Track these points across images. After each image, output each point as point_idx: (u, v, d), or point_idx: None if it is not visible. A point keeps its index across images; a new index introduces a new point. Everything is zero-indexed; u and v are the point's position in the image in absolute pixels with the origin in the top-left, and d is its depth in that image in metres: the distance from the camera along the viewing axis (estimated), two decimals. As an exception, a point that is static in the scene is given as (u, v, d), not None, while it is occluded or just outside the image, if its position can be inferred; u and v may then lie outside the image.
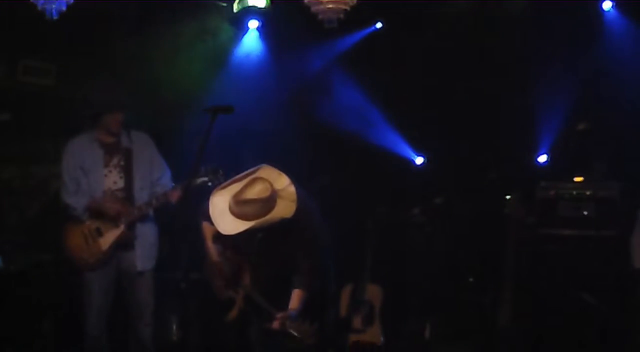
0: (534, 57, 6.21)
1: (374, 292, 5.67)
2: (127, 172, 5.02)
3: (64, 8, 4.22)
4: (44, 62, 6.45)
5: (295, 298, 4.23)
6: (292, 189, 4.23)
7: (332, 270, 4.63)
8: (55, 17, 4.20)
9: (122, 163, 5.04)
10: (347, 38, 6.64)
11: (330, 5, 4.47)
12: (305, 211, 4.28)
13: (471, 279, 6.00)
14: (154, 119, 6.49)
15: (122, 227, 4.94)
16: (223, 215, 4.20)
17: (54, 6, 4.17)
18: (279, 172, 4.28)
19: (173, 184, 5.10)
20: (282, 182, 4.24)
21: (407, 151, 6.80)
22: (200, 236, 4.60)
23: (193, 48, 6.56)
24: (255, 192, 4.13)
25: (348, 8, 4.57)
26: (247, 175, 4.26)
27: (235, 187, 4.23)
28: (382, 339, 5.55)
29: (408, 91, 6.59)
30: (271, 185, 4.16)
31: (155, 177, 5.13)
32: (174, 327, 5.84)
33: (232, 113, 4.34)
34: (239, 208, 4.14)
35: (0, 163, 6.25)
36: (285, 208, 4.17)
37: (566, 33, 6.06)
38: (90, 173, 5.01)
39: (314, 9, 4.56)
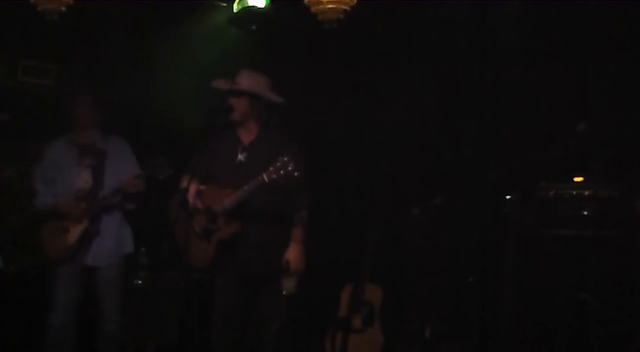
0: (535, 54, 6.18)
1: (374, 292, 5.66)
2: (99, 171, 5.18)
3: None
4: (44, 62, 6.46)
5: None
6: None
7: None
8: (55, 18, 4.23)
9: (94, 163, 5.19)
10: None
11: (331, 6, 4.48)
12: None
13: (471, 279, 5.99)
14: (155, 119, 6.51)
15: (85, 222, 5.09)
16: None
17: None
18: None
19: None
20: None
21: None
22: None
23: (193, 48, 6.55)
24: None
25: (348, 8, 4.58)
26: None
27: None
28: (382, 339, 5.55)
29: (407, 88, 6.57)
30: None
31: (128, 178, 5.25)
32: (174, 327, 5.84)
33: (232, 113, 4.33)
34: None
35: (0, 163, 6.25)
36: None
37: (567, 31, 6.04)
38: (64, 171, 5.18)
39: (314, 9, 4.57)
